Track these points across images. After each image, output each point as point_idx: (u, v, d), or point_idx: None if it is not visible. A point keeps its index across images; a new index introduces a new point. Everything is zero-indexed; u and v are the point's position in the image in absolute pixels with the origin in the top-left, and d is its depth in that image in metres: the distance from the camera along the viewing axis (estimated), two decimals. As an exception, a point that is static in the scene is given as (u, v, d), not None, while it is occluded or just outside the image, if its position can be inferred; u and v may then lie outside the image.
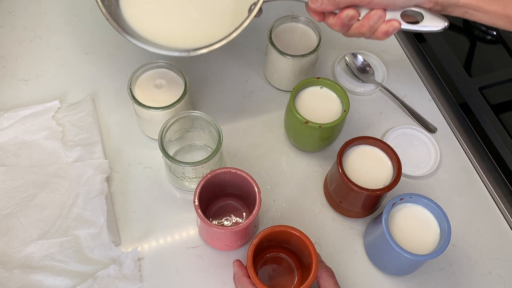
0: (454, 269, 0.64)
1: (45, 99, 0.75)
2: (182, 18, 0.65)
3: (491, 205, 0.69)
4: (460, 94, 0.76)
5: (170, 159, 0.61)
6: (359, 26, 0.57)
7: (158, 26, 0.64)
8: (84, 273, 0.61)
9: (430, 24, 0.57)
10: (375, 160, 0.64)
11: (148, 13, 0.65)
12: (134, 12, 0.65)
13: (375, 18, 0.56)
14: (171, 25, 0.65)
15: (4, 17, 0.85)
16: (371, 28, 0.57)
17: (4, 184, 0.67)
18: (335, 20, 0.58)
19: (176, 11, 0.65)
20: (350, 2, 0.56)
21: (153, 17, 0.65)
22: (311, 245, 0.54)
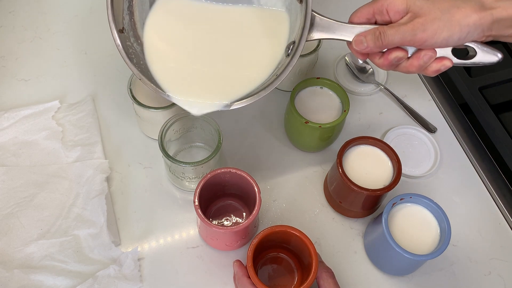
0: (454, 269, 0.64)
1: (45, 99, 0.75)
2: (213, 74, 0.60)
3: (491, 205, 0.69)
4: (460, 94, 0.76)
5: (170, 159, 0.61)
6: (408, 66, 0.54)
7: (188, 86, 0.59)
8: (84, 273, 0.61)
9: (483, 58, 0.54)
10: (375, 160, 0.64)
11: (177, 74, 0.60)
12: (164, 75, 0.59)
13: (425, 59, 0.53)
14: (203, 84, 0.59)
15: (4, 17, 0.85)
16: (421, 68, 0.54)
17: (4, 184, 0.67)
18: (382, 61, 0.54)
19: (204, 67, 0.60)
20: (399, 43, 0.52)
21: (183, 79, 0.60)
22: (311, 245, 0.54)
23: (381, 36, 0.52)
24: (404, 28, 0.51)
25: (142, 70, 0.57)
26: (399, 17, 0.52)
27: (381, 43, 0.52)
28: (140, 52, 0.59)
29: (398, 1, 0.51)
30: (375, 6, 0.53)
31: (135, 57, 0.58)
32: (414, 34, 0.50)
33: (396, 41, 0.51)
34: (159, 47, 0.60)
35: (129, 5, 0.59)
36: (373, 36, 0.52)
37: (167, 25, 0.61)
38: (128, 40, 0.58)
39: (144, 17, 0.61)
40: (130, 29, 0.59)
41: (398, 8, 0.52)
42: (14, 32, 0.83)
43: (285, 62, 0.56)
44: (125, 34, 0.58)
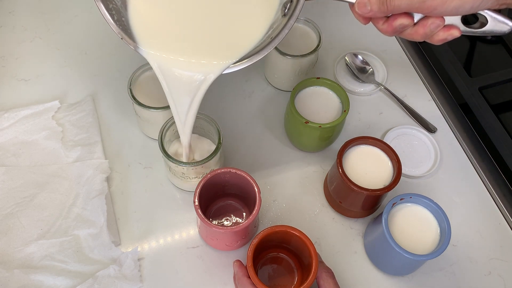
0: (454, 269, 0.64)
1: (45, 99, 0.75)
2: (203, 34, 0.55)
3: (491, 205, 0.69)
4: (460, 94, 0.76)
5: (170, 159, 0.61)
6: (413, 33, 0.50)
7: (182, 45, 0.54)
8: (84, 273, 0.61)
9: (494, 27, 0.50)
10: (375, 160, 0.64)
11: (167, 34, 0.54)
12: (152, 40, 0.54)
13: (432, 27, 0.49)
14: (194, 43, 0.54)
15: (4, 17, 0.85)
16: (426, 35, 0.50)
17: (4, 184, 0.67)
18: (386, 27, 0.51)
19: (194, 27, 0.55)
20: (405, 10, 0.48)
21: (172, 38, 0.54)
22: (311, 245, 0.54)
23: (386, 1, 0.48)
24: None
25: (123, 27, 0.51)
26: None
27: (386, 8, 0.48)
28: (121, 6, 0.53)
29: None
30: None
31: (116, 13, 0.52)
32: (423, 1, 0.46)
33: (402, 7, 0.48)
34: (145, 7, 0.54)
35: None
36: (378, 0, 0.49)
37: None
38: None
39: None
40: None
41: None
42: (14, 32, 0.83)
43: (282, 23, 0.51)
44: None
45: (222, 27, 0.54)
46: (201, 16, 0.54)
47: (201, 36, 0.54)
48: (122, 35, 0.51)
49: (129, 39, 0.51)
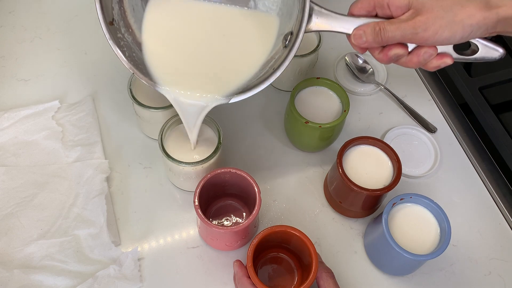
0: (454, 269, 0.64)
1: (45, 99, 0.75)
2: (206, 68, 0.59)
3: (491, 205, 0.69)
4: (460, 94, 0.76)
5: (170, 159, 0.61)
6: (408, 62, 0.53)
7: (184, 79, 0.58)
8: (84, 273, 0.61)
9: (485, 54, 0.53)
10: (375, 160, 0.64)
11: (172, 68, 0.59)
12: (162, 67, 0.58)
13: (425, 56, 0.51)
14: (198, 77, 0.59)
15: (4, 17, 0.85)
16: (420, 64, 0.52)
17: (4, 184, 0.67)
18: (382, 56, 0.53)
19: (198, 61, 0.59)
20: (399, 40, 0.50)
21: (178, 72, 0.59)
22: (311, 245, 0.54)
23: (381, 32, 0.50)
24: (405, 26, 0.49)
25: (135, 62, 0.55)
26: (400, 13, 0.51)
27: (380, 39, 0.51)
28: (132, 42, 0.57)
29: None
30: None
31: (127, 49, 0.56)
32: (415, 32, 0.49)
33: (396, 38, 0.50)
34: (155, 42, 0.59)
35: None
36: (373, 31, 0.51)
37: (162, 20, 0.60)
38: (119, 31, 0.56)
39: (133, 3, 0.58)
40: (120, 19, 0.57)
41: (400, 3, 0.50)
42: (14, 32, 0.83)
43: (283, 54, 0.54)
44: (115, 26, 0.56)
45: (222, 63, 0.59)
46: (205, 53, 0.59)
47: (206, 72, 0.59)
48: (134, 71, 0.56)
49: (141, 73, 0.56)
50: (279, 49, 0.57)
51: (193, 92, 0.56)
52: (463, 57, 0.53)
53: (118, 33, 0.56)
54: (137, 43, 0.58)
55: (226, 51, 0.59)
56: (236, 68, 0.58)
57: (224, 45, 0.60)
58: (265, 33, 0.59)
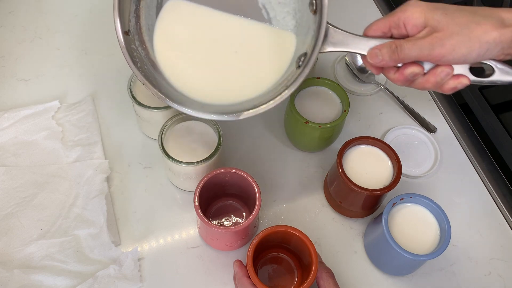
0: (454, 269, 0.64)
1: (45, 99, 0.75)
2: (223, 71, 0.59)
3: (491, 205, 0.69)
4: (460, 94, 0.76)
5: (170, 159, 0.61)
6: (424, 82, 0.51)
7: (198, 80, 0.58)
8: (84, 273, 0.61)
9: (501, 77, 0.52)
10: (375, 160, 0.64)
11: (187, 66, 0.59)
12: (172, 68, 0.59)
13: (442, 75, 0.50)
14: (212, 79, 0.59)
15: (4, 17, 0.85)
16: (437, 84, 0.51)
17: (4, 184, 0.67)
18: (397, 76, 0.52)
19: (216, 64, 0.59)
20: (415, 58, 0.50)
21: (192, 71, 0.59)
22: (311, 245, 0.54)
23: (397, 50, 0.50)
24: (422, 42, 0.49)
25: (145, 74, 0.55)
26: (416, 31, 0.50)
27: (397, 56, 0.50)
28: (145, 57, 0.57)
29: (416, 15, 0.50)
30: (391, 19, 0.51)
31: (139, 61, 0.56)
32: (432, 48, 0.48)
33: (412, 56, 0.49)
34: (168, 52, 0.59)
35: (136, 8, 0.57)
36: (389, 49, 0.50)
37: (175, 30, 0.60)
38: (133, 43, 0.56)
39: (150, 23, 0.59)
40: (135, 33, 0.57)
41: (416, 21, 0.50)
42: (14, 32, 0.83)
43: (296, 73, 0.53)
44: (130, 37, 0.56)
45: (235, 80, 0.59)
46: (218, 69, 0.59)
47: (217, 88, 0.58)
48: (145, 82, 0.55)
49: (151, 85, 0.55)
50: (292, 70, 0.56)
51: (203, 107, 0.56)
52: (479, 79, 0.52)
53: (132, 44, 0.56)
54: (149, 59, 0.58)
55: (241, 67, 0.59)
56: (248, 86, 0.58)
57: (240, 60, 0.59)
58: (282, 53, 0.59)
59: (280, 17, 0.59)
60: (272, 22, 0.60)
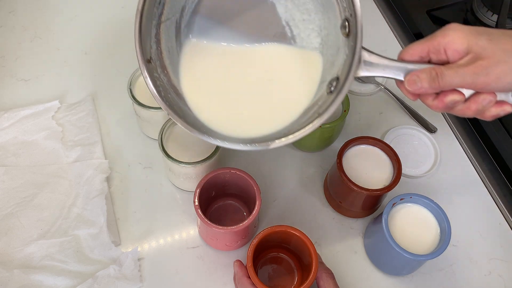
0: (454, 269, 0.64)
1: (45, 99, 0.75)
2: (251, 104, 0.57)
3: (491, 205, 0.69)
4: (460, 94, 0.76)
5: (170, 159, 0.61)
6: (465, 109, 0.49)
7: (228, 118, 0.56)
8: (84, 273, 0.61)
9: None
10: (375, 160, 0.64)
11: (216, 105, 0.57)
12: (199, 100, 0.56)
13: (484, 103, 0.48)
14: (241, 114, 0.57)
15: (4, 17, 0.85)
16: (478, 111, 0.48)
17: (4, 184, 0.67)
18: (436, 103, 0.49)
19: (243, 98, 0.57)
20: (457, 86, 0.47)
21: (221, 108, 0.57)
22: (311, 245, 0.54)
23: (438, 78, 0.47)
24: (465, 71, 0.46)
25: (170, 104, 0.52)
26: (458, 57, 0.47)
27: (437, 84, 0.47)
28: (167, 83, 0.55)
29: (458, 40, 0.47)
30: (430, 44, 0.48)
31: (162, 89, 0.53)
32: (476, 77, 0.46)
33: (454, 84, 0.47)
34: (193, 86, 0.57)
35: (156, 32, 0.55)
36: (429, 76, 0.47)
37: (200, 62, 0.58)
38: (155, 71, 0.54)
39: (169, 45, 0.57)
40: (157, 59, 0.55)
41: (458, 47, 0.47)
42: (14, 32, 0.83)
43: (329, 100, 0.50)
44: (152, 65, 0.54)
45: (263, 109, 0.57)
46: (246, 98, 0.57)
47: (245, 117, 0.56)
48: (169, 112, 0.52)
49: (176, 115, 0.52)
50: (322, 94, 0.54)
51: (231, 137, 0.54)
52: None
53: (154, 72, 0.53)
54: (171, 85, 0.56)
55: (267, 96, 0.57)
56: (277, 114, 0.56)
57: (265, 90, 0.58)
58: (309, 75, 0.57)
59: (304, 35, 0.58)
60: (296, 40, 0.58)
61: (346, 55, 0.51)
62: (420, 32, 0.82)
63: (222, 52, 0.59)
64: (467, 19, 0.85)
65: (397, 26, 0.87)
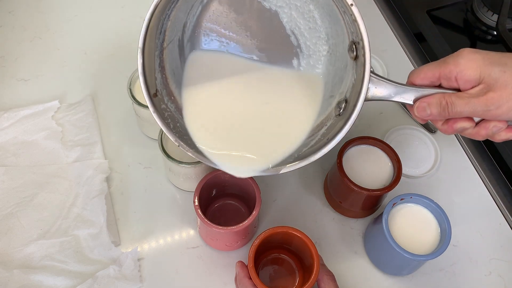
0: (454, 269, 0.64)
1: (45, 99, 0.75)
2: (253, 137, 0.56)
3: (491, 205, 0.69)
4: (460, 94, 0.76)
5: (170, 159, 0.61)
6: (474, 134, 0.49)
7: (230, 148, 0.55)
8: (84, 273, 0.61)
9: None
10: (375, 160, 0.64)
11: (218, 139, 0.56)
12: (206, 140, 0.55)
13: (494, 130, 0.48)
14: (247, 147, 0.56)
15: (4, 17, 0.85)
16: (488, 136, 0.49)
17: (4, 184, 0.67)
18: (446, 128, 0.49)
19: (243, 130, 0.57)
20: (467, 115, 0.47)
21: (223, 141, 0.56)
22: (312, 246, 0.54)
23: (448, 107, 0.47)
24: (476, 102, 0.46)
25: (180, 134, 0.52)
26: (469, 86, 0.47)
27: (447, 114, 0.47)
28: (175, 111, 0.55)
29: (471, 70, 0.46)
30: (442, 71, 0.48)
31: (171, 121, 0.53)
32: (487, 110, 0.46)
33: (464, 114, 0.47)
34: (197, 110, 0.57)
35: (160, 61, 0.54)
36: (439, 105, 0.47)
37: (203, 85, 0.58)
38: (163, 102, 0.53)
39: (174, 66, 0.56)
40: (163, 88, 0.54)
41: (470, 77, 0.46)
42: (13, 32, 0.83)
43: (339, 125, 0.50)
44: (159, 97, 0.53)
45: (268, 133, 0.56)
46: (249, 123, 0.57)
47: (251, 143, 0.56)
48: (180, 144, 0.52)
49: (187, 145, 0.53)
50: (329, 115, 0.54)
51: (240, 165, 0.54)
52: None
53: (162, 104, 0.53)
54: (179, 109, 0.56)
55: (271, 120, 0.57)
56: (283, 137, 0.56)
57: (268, 113, 0.57)
58: (310, 96, 0.57)
59: (311, 43, 0.57)
60: (303, 49, 0.57)
61: (354, 80, 0.50)
62: (420, 32, 0.82)
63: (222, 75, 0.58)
64: (467, 19, 0.85)
65: (397, 26, 0.87)
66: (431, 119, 0.49)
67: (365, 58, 0.47)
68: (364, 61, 0.47)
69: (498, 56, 0.46)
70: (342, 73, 0.54)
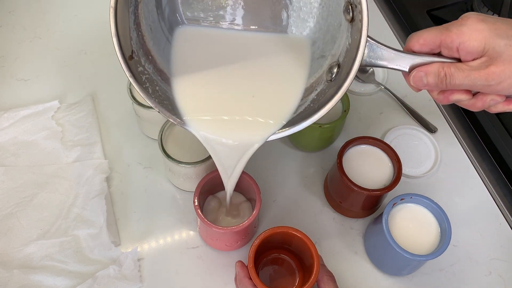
0: (454, 269, 0.64)
1: (45, 99, 0.75)
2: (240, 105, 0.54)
3: (491, 205, 0.69)
4: (460, 94, 0.76)
5: (170, 159, 0.61)
6: (470, 105, 0.47)
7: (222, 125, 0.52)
8: (84, 273, 0.61)
9: None
10: (375, 160, 0.64)
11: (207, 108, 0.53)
12: None
13: (491, 103, 0.46)
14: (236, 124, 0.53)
15: (4, 17, 0.85)
16: (484, 108, 0.47)
17: (4, 184, 0.67)
18: (441, 98, 0.48)
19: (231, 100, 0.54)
20: (466, 88, 0.46)
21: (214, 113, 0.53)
22: (312, 246, 0.54)
23: (446, 79, 0.45)
24: (477, 75, 0.44)
25: (159, 98, 0.49)
26: (470, 58, 0.45)
27: (445, 86, 0.45)
28: (153, 72, 0.51)
29: (475, 42, 0.44)
30: (443, 38, 0.45)
31: (150, 84, 0.49)
32: (487, 84, 0.44)
33: (463, 87, 0.45)
34: (185, 78, 0.54)
35: (135, 17, 0.50)
36: (437, 76, 0.45)
37: (191, 54, 0.55)
38: (139, 64, 0.50)
39: (150, 22, 0.52)
40: (139, 47, 0.50)
41: (473, 49, 0.44)
42: (14, 32, 0.83)
43: (328, 91, 0.48)
44: (135, 59, 0.49)
45: (259, 99, 0.54)
46: (239, 90, 0.54)
47: (242, 110, 0.53)
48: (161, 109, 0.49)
49: (167, 111, 0.49)
50: (320, 78, 0.51)
51: (231, 133, 0.51)
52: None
53: (139, 67, 0.50)
54: (158, 70, 0.52)
55: (262, 85, 0.54)
56: (276, 102, 0.53)
57: (258, 78, 0.55)
58: (298, 58, 0.54)
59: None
60: (293, 0, 0.54)
61: (349, 44, 0.48)
62: (420, 32, 0.82)
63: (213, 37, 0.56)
64: (467, 19, 0.85)
65: (397, 26, 0.87)
66: (427, 89, 0.48)
67: (362, 24, 0.45)
68: (361, 26, 0.45)
69: (506, 28, 0.44)
70: (336, 32, 0.51)
